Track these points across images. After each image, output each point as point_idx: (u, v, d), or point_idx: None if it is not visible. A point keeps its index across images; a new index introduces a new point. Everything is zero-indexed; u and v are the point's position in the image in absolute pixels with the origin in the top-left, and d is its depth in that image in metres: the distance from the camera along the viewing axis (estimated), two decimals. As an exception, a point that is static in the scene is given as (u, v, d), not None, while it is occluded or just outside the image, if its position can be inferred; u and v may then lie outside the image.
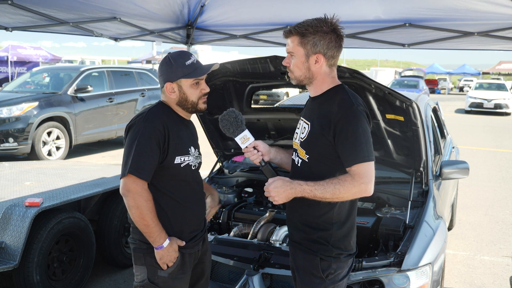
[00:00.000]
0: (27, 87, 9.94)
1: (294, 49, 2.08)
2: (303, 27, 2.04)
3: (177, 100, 2.22)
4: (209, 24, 5.13)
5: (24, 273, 3.40)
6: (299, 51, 2.06)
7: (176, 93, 2.20)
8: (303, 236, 2.15)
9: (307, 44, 2.04)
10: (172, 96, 2.21)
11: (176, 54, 2.21)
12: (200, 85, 2.24)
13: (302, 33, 2.04)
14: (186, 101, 2.22)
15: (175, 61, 2.17)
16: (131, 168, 2.06)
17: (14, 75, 20.11)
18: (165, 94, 2.23)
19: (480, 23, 4.07)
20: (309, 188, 1.99)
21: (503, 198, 7.21)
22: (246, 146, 2.21)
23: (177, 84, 2.19)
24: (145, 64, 28.78)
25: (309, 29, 2.02)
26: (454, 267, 4.61)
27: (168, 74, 2.19)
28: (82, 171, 4.88)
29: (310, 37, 2.03)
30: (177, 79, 2.18)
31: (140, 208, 2.07)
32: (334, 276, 2.11)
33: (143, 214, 2.07)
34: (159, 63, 2.27)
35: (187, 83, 2.19)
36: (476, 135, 14.22)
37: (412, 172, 3.23)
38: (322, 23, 2.03)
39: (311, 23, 2.04)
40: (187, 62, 2.17)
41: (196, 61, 2.21)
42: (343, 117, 1.98)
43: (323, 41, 2.03)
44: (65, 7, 4.07)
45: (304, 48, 2.05)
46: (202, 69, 2.21)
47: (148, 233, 2.11)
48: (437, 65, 42.31)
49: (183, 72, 2.17)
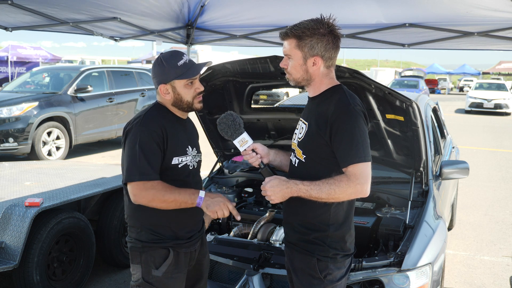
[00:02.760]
0: (27, 87, 9.94)
1: (291, 51, 2.06)
2: (299, 29, 2.02)
3: (172, 101, 2.22)
4: (209, 24, 5.13)
5: (24, 273, 3.40)
6: (297, 54, 2.05)
7: (171, 94, 2.19)
8: (300, 237, 2.15)
9: (305, 47, 2.03)
10: (167, 98, 2.20)
11: (168, 54, 2.19)
12: (194, 84, 2.22)
13: (299, 36, 2.02)
14: (181, 102, 2.21)
15: (167, 62, 2.16)
16: (138, 174, 2.06)
17: (14, 75, 20.11)
18: (160, 95, 2.23)
19: (480, 23, 4.08)
20: (304, 188, 1.99)
21: (503, 198, 7.21)
22: (245, 149, 2.20)
23: (170, 85, 2.18)
24: (145, 64, 28.77)
25: (306, 32, 2.01)
26: (454, 267, 4.61)
27: (161, 76, 2.18)
28: (82, 171, 4.88)
29: (307, 39, 2.01)
30: (170, 80, 2.17)
31: (158, 201, 2.08)
32: (332, 277, 2.10)
33: (165, 202, 2.09)
34: (152, 65, 2.26)
35: (180, 84, 2.18)
36: (476, 135, 14.22)
37: (412, 172, 3.23)
38: (319, 24, 2.02)
39: (308, 25, 2.02)
40: (179, 62, 2.16)
41: (188, 60, 2.19)
42: (340, 117, 1.98)
43: (320, 44, 2.01)
44: (65, 6, 4.07)
45: (302, 51, 2.04)
46: (195, 69, 2.20)
47: (181, 204, 2.12)
48: (437, 65, 42.32)
49: (176, 73, 2.15)
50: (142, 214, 2.19)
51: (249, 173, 3.94)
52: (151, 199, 2.08)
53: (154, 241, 2.19)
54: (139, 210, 2.19)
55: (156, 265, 2.19)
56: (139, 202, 2.11)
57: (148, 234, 2.20)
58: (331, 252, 2.09)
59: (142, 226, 2.21)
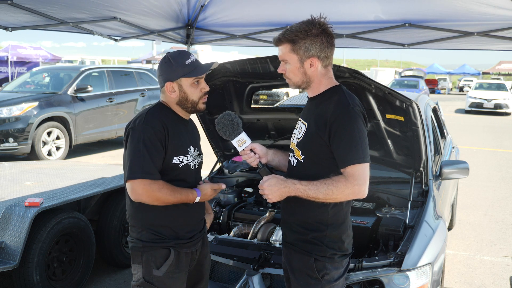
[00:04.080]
0: (27, 87, 9.94)
1: (287, 56, 2.07)
2: (292, 33, 2.02)
3: (177, 100, 2.22)
4: (209, 24, 5.13)
5: (24, 273, 3.40)
6: (293, 58, 2.05)
7: (176, 92, 2.20)
8: (297, 237, 2.15)
9: (300, 50, 2.03)
10: (173, 96, 2.21)
11: (176, 53, 2.21)
12: (200, 84, 2.24)
13: (293, 40, 2.02)
14: (187, 101, 2.22)
15: (175, 61, 2.18)
16: (140, 172, 2.06)
17: (14, 75, 20.11)
18: (165, 94, 2.23)
19: (480, 23, 4.07)
20: (302, 188, 1.99)
21: (503, 198, 7.21)
22: (243, 149, 2.20)
23: (177, 84, 2.19)
24: (145, 64, 28.76)
25: (299, 35, 2.01)
26: (454, 267, 4.61)
27: (168, 74, 2.19)
28: (82, 171, 4.88)
29: (301, 42, 2.01)
30: (177, 78, 2.18)
31: (160, 199, 2.11)
32: (330, 277, 2.10)
33: (166, 200, 2.13)
34: (158, 63, 2.28)
35: (187, 82, 2.20)
36: (476, 135, 14.22)
37: (412, 172, 3.23)
38: (310, 26, 2.02)
39: (300, 28, 2.02)
40: (186, 61, 2.18)
41: (195, 60, 2.22)
42: (339, 118, 1.98)
43: (314, 44, 2.02)
44: (65, 5, 4.07)
45: (297, 54, 2.04)
46: (202, 68, 2.22)
47: (181, 201, 2.18)
48: (437, 65, 42.32)
49: (183, 71, 2.17)
50: (144, 214, 2.19)
51: (249, 173, 3.94)
52: (151, 196, 2.09)
53: (155, 241, 2.20)
54: (141, 210, 2.19)
55: (157, 265, 2.19)
56: (139, 200, 2.11)
57: (149, 234, 2.20)
58: (328, 252, 2.09)
59: (143, 226, 2.21)
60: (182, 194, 2.16)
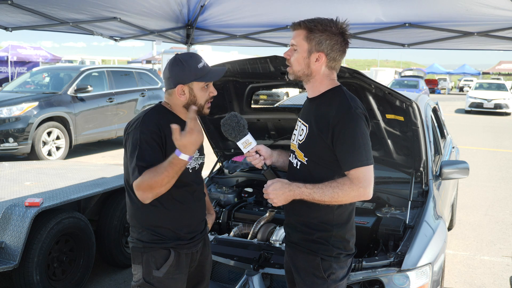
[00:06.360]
0: (27, 87, 9.94)
1: (299, 42, 2.07)
2: (312, 22, 2.03)
3: (185, 103, 2.21)
4: (209, 24, 5.13)
5: (24, 273, 3.40)
6: (303, 45, 2.05)
7: (186, 95, 2.19)
8: (302, 236, 2.14)
9: (313, 40, 2.03)
10: (182, 98, 2.20)
11: (188, 56, 2.20)
12: (209, 88, 2.23)
13: (311, 28, 2.03)
14: (194, 104, 2.20)
15: (188, 64, 2.16)
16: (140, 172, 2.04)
17: (14, 75, 20.11)
18: (173, 95, 2.21)
19: (480, 23, 4.07)
20: (307, 191, 1.99)
21: (503, 198, 7.21)
22: (248, 151, 2.20)
23: (188, 87, 2.18)
24: (145, 64, 28.76)
25: (318, 26, 2.02)
26: (454, 267, 4.61)
27: (180, 76, 2.17)
28: (82, 171, 4.88)
29: (318, 33, 2.02)
30: (190, 81, 2.16)
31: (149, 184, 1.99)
32: (335, 276, 2.10)
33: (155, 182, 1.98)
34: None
35: (198, 86, 2.19)
36: (476, 135, 14.22)
37: (412, 172, 3.23)
38: (331, 23, 2.03)
39: (322, 21, 2.04)
40: (199, 65, 2.17)
41: (206, 64, 2.22)
42: (341, 120, 1.97)
43: (328, 41, 2.02)
44: (65, 5, 4.07)
45: (309, 43, 2.04)
46: (214, 73, 2.21)
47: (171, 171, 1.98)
48: (437, 65, 42.32)
49: (196, 75, 2.16)
50: (144, 214, 2.19)
51: (249, 173, 3.94)
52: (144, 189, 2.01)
53: (155, 242, 2.19)
54: (141, 211, 2.19)
55: (157, 265, 2.19)
56: (146, 198, 2.04)
57: (149, 235, 2.20)
58: (334, 252, 2.09)
59: (144, 226, 2.20)
60: (165, 164, 1.97)
